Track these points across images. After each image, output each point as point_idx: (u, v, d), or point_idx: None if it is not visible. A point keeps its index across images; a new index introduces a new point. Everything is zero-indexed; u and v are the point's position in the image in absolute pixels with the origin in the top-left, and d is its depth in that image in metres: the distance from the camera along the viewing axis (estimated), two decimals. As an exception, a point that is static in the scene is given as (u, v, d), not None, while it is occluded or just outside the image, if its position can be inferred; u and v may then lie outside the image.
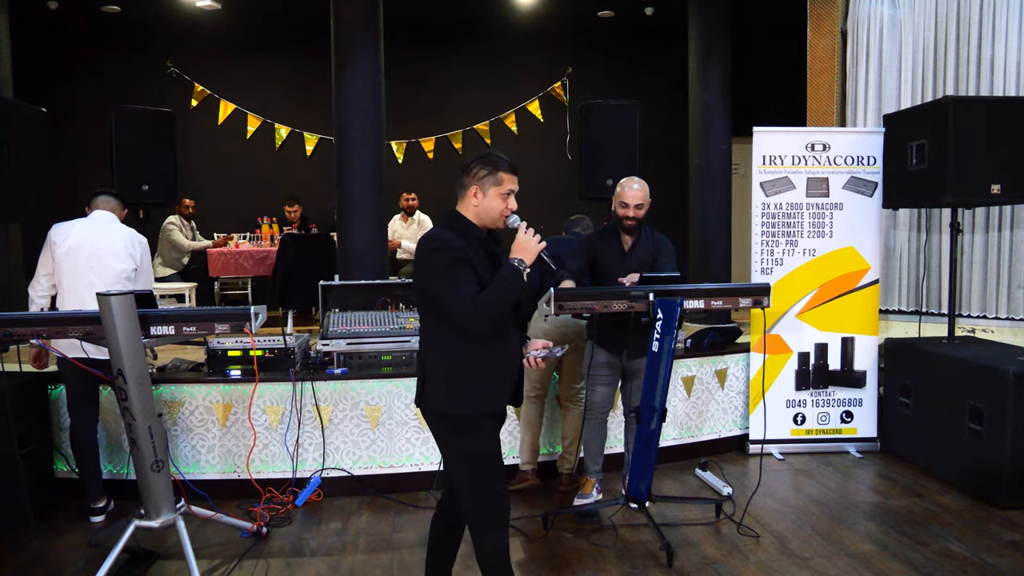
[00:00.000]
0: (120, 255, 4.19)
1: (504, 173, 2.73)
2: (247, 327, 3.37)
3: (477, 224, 2.76)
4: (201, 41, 9.35)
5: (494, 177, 2.72)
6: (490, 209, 2.73)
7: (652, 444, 3.86)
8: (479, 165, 2.74)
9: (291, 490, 4.58)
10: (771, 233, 5.38)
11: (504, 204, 2.73)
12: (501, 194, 2.72)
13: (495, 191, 2.72)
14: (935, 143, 4.89)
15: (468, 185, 2.75)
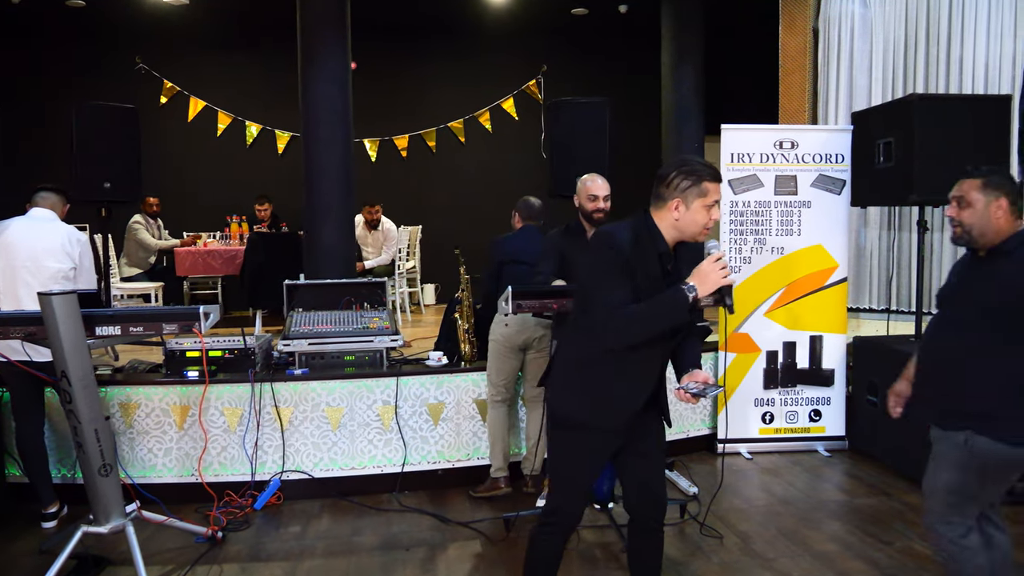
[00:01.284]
0: (56, 254, 4.08)
1: (709, 183, 2.49)
2: (196, 327, 3.28)
3: (668, 236, 2.55)
4: (170, 37, 9.22)
5: (699, 188, 2.48)
6: (694, 223, 2.50)
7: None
8: (681, 175, 2.50)
9: (250, 493, 4.49)
10: (739, 231, 5.34)
11: (709, 216, 2.50)
12: (706, 205, 2.49)
13: (700, 203, 2.48)
14: (901, 141, 4.86)
15: (668, 198, 2.51)
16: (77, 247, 4.19)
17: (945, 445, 2.78)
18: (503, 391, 4.54)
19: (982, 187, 2.74)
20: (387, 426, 4.67)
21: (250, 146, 9.53)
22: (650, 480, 2.81)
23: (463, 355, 4.86)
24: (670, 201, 2.51)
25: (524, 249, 4.59)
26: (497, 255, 4.67)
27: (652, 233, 2.54)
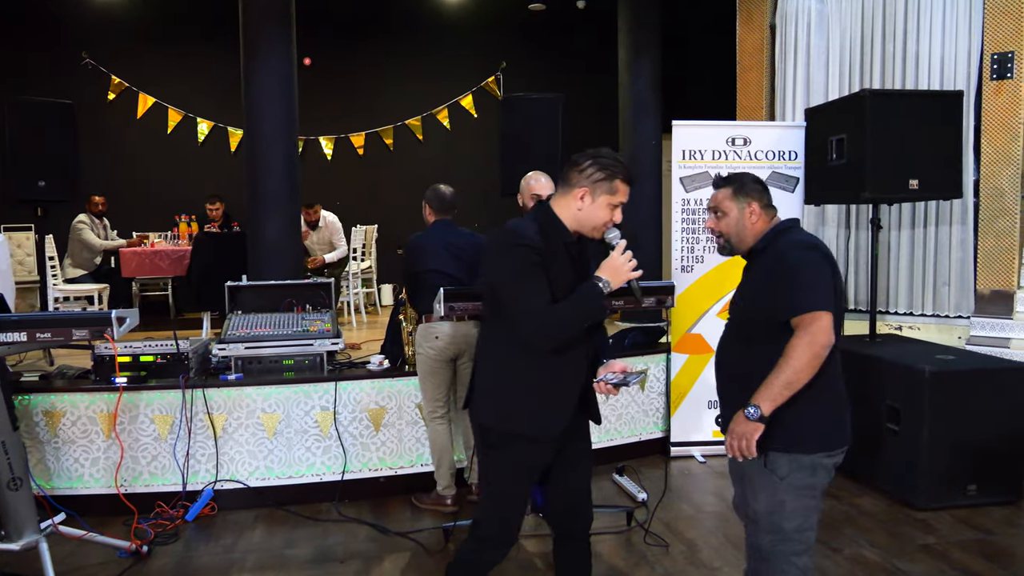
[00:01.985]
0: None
1: (621, 182, 2.41)
2: (108, 333, 3.10)
3: (569, 227, 2.46)
4: (118, 32, 8.98)
5: (609, 184, 2.40)
6: (595, 217, 2.42)
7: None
8: (596, 166, 2.41)
9: (181, 504, 4.30)
10: (691, 230, 5.24)
11: (611, 215, 2.42)
12: (611, 204, 2.41)
13: (606, 199, 2.40)
14: (853, 137, 4.78)
15: (576, 184, 2.42)
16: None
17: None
18: (442, 406, 4.33)
19: (733, 195, 2.69)
20: (326, 433, 4.51)
21: (202, 144, 9.31)
22: (578, 488, 2.67)
23: (407, 358, 4.70)
24: (576, 189, 2.41)
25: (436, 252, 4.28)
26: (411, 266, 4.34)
27: (556, 225, 2.45)
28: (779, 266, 2.50)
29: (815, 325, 2.35)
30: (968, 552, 3.74)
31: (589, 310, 2.36)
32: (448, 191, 4.47)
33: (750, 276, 2.67)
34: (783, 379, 2.36)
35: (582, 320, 2.37)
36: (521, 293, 2.35)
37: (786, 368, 2.35)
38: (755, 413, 2.38)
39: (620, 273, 2.37)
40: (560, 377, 2.46)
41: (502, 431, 2.49)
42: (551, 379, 2.44)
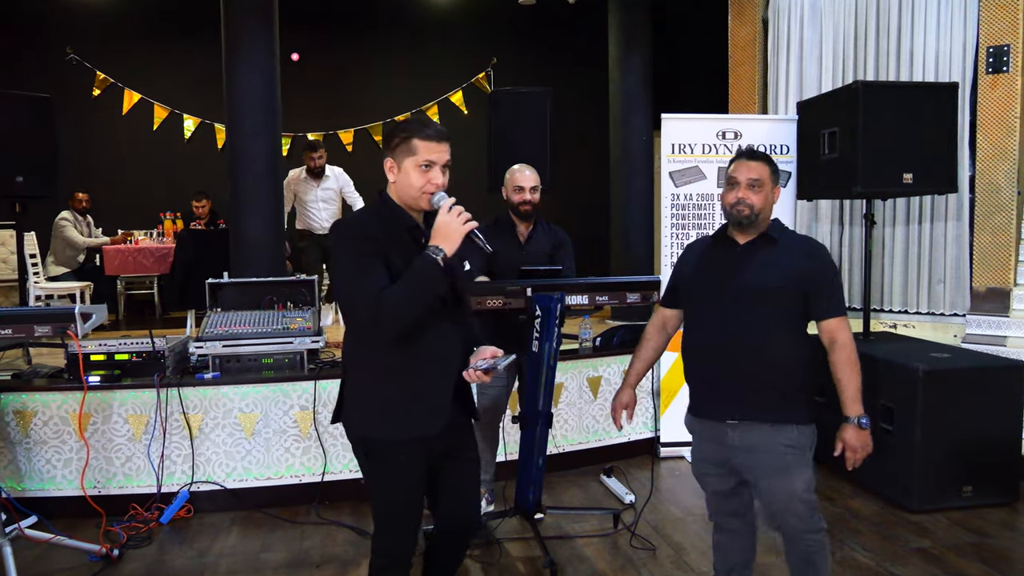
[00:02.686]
0: None
1: (419, 140, 2.26)
2: (71, 330, 2.99)
3: (404, 207, 2.35)
4: (103, 26, 8.85)
5: (407, 145, 2.27)
6: (407, 186, 2.28)
7: (539, 452, 3.56)
8: (394, 134, 2.32)
9: (156, 506, 4.19)
10: (680, 225, 5.13)
11: (424, 178, 2.26)
12: (418, 165, 2.26)
13: (411, 162, 2.27)
14: (846, 131, 4.67)
15: (385, 158, 2.34)
16: None
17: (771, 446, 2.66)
18: None
19: (771, 173, 2.66)
20: (305, 433, 4.39)
21: (188, 140, 9.18)
22: (463, 486, 2.53)
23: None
24: (384, 162, 2.34)
25: None
26: None
27: (393, 210, 2.35)
28: (818, 264, 2.61)
29: (849, 327, 2.63)
30: (964, 556, 3.64)
31: (426, 282, 2.19)
32: None
33: (767, 261, 2.62)
34: (858, 381, 2.61)
35: (421, 294, 2.20)
36: (353, 281, 2.21)
37: (856, 369, 2.62)
38: (867, 423, 2.59)
39: (451, 233, 2.20)
40: (426, 372, 2.32)
41: (375, 439, 2.34)
42: (417, 376, 2.31)
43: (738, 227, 2.65)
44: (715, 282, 2.66)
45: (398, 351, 2.28)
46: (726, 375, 2.61)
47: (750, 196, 2.59)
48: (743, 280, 2.62)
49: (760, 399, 2.58)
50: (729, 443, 2.64)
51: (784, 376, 2.58)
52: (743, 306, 2.59)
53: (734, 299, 2.61)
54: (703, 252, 2.78)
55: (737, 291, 2.61)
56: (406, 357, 2.29)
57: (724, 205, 2.66)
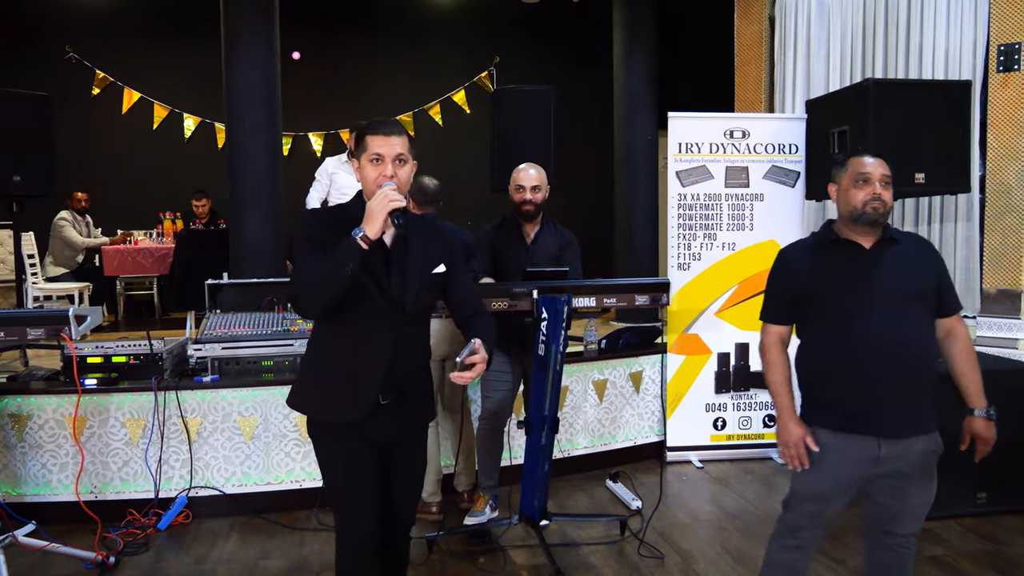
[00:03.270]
0: None
1: (369, 135, 2.35)
2: (65, 332, 2.91)
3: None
4: (102, 25, 8.77)
5: (362, 143, 2.37)
6: (364, 181, 2.37)
7: (545, 458, 3.48)
8: (356, 132, 2.44)
9: (153, 512, 4.11)
10: (688, 226, 5.05)
11: (376, 171, 2.33)
12: (369, 160, 2.34)
13: (365, 158, 2.35)
14: (856, 129, 4.59)
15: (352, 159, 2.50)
16: None
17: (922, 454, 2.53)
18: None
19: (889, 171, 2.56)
20: (306, 437, 4.30)
21: (188, 140, 9.10)
22: (396, 491, 2.52)
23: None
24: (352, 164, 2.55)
25: None
26: None
27: (358, 204, 2.39)
28: (939, 259, 2.58)
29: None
30: (978, 564, 3.56)
31: (337, 261, 2.20)
32: (431, 183, 4.27)
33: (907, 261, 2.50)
34: (979, 372, 2.57)
35: (331, 272, 2.22)
36: (295, 266, 2.33)
37: (976, 360, 2.58)
38: (995, 414, 2.56)
39: (372, 213, 2.22)
40: (352, 360, 2.37)
41: (311, 417, 2.47)
42: (345, 361, 2.38)
43: (869, 226, 2.49)
44: (859, 287, 2.48)
45: (332, 336, 2.39)
46: (888, 385, 2.43)
47: (884, 193, 2.47)
48: (895, 282, 2.47)
49: (920, 408, 2.47)
50: (881, 458, 2.48)
51: (933, 379, 2.49)
52: (900, 310, 2.44)
53: (887, 303, 2.45)
54: (818, 257, 2.59)
55: (890, 295, 2.45)
56: (338, 342, 2.39)
57: (850, 204, 2.49)
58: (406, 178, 2.37)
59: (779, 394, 2.67)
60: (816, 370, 2.57)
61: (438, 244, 2.48)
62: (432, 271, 2.43)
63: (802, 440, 2.60)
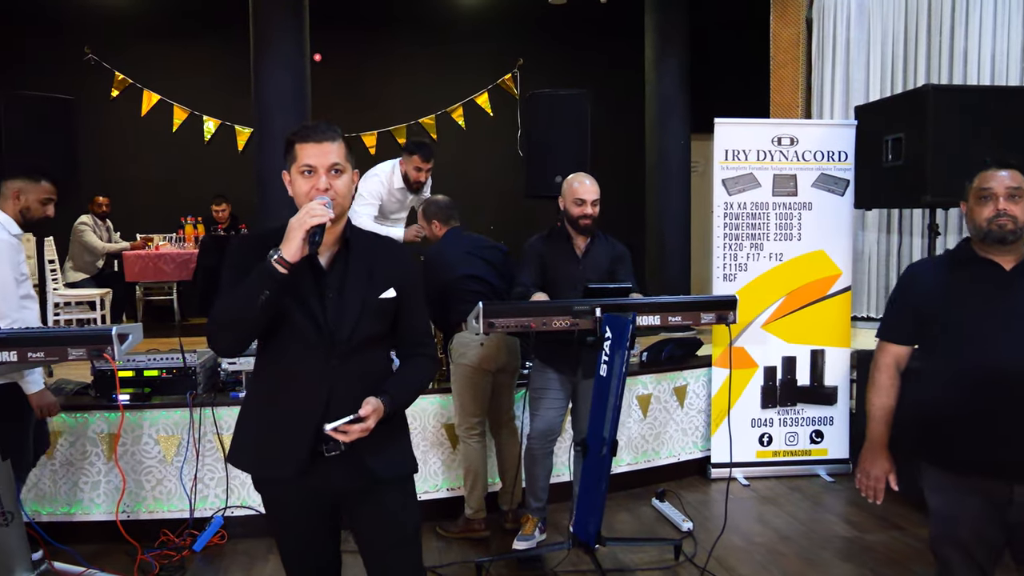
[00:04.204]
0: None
1: (299, 143, 2.04)
2: (108, 352, 2.76)
3: None
4: (122, 26, 8.63)
5: (291, 152, 2.06)
6: (298, 195, 2.05)
7: (601, 481, 3.33)
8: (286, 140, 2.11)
9: (188, 532, 3.96)
10: (734, 236, 4.89)
11: (308, 185, 2.01)
12: (300, 171, 2.03)
13: (295, 169, 2.05)
14: (913, 137, 4.43)
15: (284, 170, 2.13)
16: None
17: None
18: (479, 423, 3.99)
19: None
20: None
21: (208, 143, 8.95)
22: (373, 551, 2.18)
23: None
24: (283, 178, 2.13)
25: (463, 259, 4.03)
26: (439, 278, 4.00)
27: None
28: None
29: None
30: None
31: (249, 288, 1.92)
32: (446, 199, 4.17)
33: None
34: None
35: (239, 307, 1.94)
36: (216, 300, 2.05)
37: None
38: None
39: (291, 233, 1.92)
40: (280, 405, 2.06)
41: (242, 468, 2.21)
42: (271, 407, 2.08)
43: (999, 244, 2.29)
44: (994, 311, 2.27)
45: (263, 374, 2.14)
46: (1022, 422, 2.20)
47: (1011, 207, 2.27)
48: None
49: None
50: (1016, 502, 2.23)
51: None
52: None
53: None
54: (950, 276, 2.39)
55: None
56: (266, 384, 2.12)
57: (975, 223, 2.32)
58: (344, 190, 2.04)
59: (876, 420, 2.50)
60: (935, 401, 2.33)
61: (388, 265, 2.13)
62: (378, 295, 2.08)
63: (885, 476, 2.50)
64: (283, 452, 2.03)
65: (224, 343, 2.04)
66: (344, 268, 2.07)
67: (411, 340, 2.21)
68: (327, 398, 2.01)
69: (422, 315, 2.27)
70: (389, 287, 2.10)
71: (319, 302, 2.03)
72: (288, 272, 1.90)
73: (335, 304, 2.04)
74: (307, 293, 2.02)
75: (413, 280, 2.22)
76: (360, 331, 2.05)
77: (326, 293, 2.04)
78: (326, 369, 2.02)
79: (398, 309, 2.14)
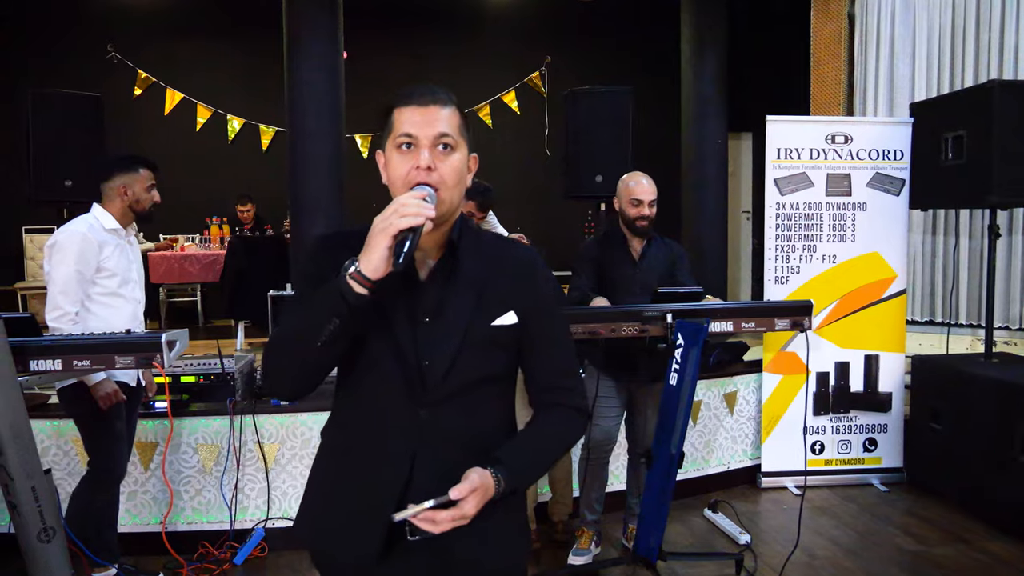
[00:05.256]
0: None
1: (400, 106, 1.50)
2: (157, 360, 2.62)
3: None
4: (145, 23, 8.51)
5: (388, 122, 1.52)
6: (395, 177, 1.49)
7: (666, 494, 3.18)
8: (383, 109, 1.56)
9: (229, 545, 3.82)
10: (786, 237, 4.72)
11: (409, 163, 1.47)
12: (398, 145, 1.48)
13: (391, 144, 1.50)
14: (977, 134, 4.26)
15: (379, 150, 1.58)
16: (47, 251, 3.30)
17: None
18: None
19: None
20: (389, 464, 4.02)
21: (232, 142, 8.83)
22: None
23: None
24: (379, 161, 1.57)
25: None
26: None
27: None
28: None
29: None
30: None
31: (315, 316, 1.40)
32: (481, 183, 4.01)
33: None
34: None
35: (307, 328, 1.42)
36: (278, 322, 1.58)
37: None
38: None
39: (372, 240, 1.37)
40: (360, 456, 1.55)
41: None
42: (349, 460, 1.58)
43: None
44: None
45: (338, 421, 1.65)
46: None
47: None
48: None
49: None
50: None
51: None
52: None
53: None
54: None
55: None
56: (341, 433, 1.62)
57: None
58: (454, 176, 1.49)
59: None
60: None
61: (509, 279, 1.58)
62: (491, 321, 1.54)
63: None
64: (350, 530, 1.54)
65: (280, 382, 1.52)
66: (445, 282, 1.53)
67: (544, 383, 1.63)
68: (410, 464, 1.49)
69: (563, 350, 1.65)
70: (508, 310, 1.55)
71: (409, 329, 1.50)
72: (369, 293, 1.38)
73: (429, 332, 1.51)
74: (394, 314, 1.50)
75: (546, 301, 1.62)
76: (461, 370, 1.51)
77: (419, 316, 1.52)
78: (412, 422, 1.50)
79: (524, 341, 1.58)
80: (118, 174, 3.40)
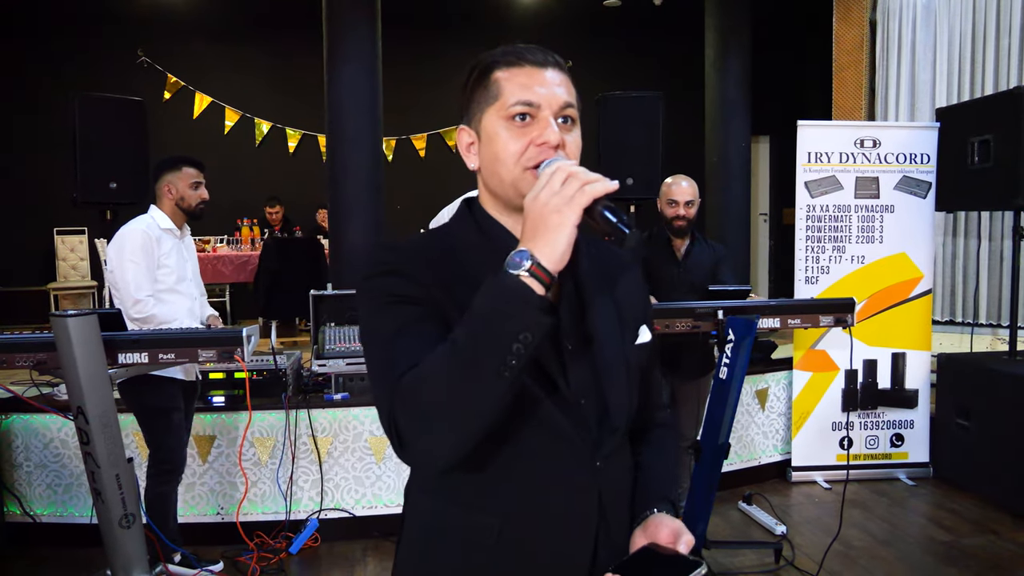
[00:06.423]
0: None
1: (502, 70, 1.18)
2: (238, 353, 2.77)
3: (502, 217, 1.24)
4: (174, 28, 8.67)
5: (483, 88, 1.20)
6: (495, 164, 1.19)
7: (714, 484, 3.31)
8: (466, 81, 1.24)
9: (284, 535, 3.96)
10: (816, 238, 4.85)
11: (525, 139, 1.15)
12: (508, 119, 1.17)
13: (495, 115, 1.18)
14: (1004, 138, 4.39)
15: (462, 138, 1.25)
16: (110, 251, 3.47)
17: None
18: None
19: None
20: (437, 457, 4.15)
21: (259, 144, 8.99)
22: None
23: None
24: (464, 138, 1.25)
25: None
26: None
27: (480, 215, 1.26)
28: None
29: None
30: None
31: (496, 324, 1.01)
32: None
33: None
34: None
35: (486, 353, 1.01)
36: (370, 358, 1.16)
37: None
38: None
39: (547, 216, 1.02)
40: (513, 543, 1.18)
41: None
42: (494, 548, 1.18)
43: None
44: None
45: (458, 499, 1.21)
46: None
47: None
48: None
49: None
50: None
51: None
52: None
53: None
54: None
55: None
56: (475, 514, 1.20)
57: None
58: (578, 152, 1.19)
59: None
60: None
61: (630, 289, 1.32)
62: (635, 342, 1.28)
63: None
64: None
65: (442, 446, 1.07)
66: (579, 299, 1.23)
67: (653, 403, 1.39)
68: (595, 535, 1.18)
69: (656, 365, 1.42)
70: (639, 326, 1.30)
71: (555, 358, 1.17)
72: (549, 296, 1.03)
73: (577, 361, 1.19)
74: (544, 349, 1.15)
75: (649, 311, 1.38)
76: (631, 407, 1.24)
77: (563, 342, 1.19)
78: (591, 479, 1.18)
79: None
80: (164, 173, 3.54)
